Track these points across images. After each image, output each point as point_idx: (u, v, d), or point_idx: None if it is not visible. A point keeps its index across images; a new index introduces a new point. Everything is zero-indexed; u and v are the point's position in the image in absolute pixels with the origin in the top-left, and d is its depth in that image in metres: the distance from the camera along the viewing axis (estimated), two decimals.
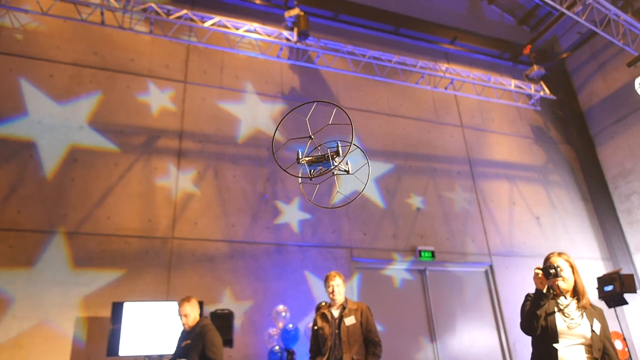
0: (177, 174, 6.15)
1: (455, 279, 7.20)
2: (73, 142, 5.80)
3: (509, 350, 6.84)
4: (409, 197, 7.35)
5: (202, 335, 3.83)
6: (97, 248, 5.43)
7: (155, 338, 4.81)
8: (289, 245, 6.33)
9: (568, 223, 8.30)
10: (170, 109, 6.47)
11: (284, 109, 7.15)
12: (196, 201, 6.10)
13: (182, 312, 3.99)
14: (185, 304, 4.02)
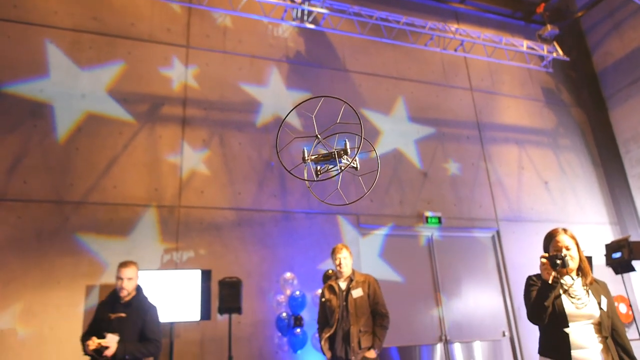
0: (182, 142, 6.08)
1: (461, 244, 7.21)
2: (77, 110, 5.72)
3: (513, 315, 6.93)
4: (416, 162, 7.27)
5: (143, 310, 3.28)
6: (104, 217, 5.44)
7: (165, 306, 4.88)
8: (296, 212, 6.33)
9: (577, 188, 8.22)
10: (173, 75, 6.34)
11: (289, 73, 6.98)
12: (202, 169, 6.06)
13: (127, 274, 3.33)
14: (132, 266, 3.41)
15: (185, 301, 4.96)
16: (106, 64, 6.05)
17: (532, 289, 2.51)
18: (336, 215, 6.52)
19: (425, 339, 6.48)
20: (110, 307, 3.28)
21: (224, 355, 5.17)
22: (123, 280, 3.33)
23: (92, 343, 3.04)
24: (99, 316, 3.30)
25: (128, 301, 3.32)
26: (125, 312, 3.22)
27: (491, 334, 6.80)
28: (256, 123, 6.55)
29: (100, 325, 3.19)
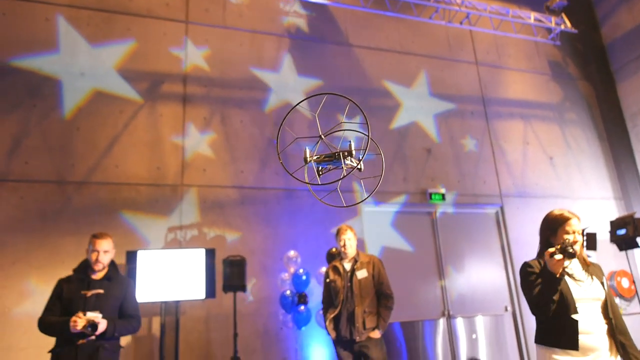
0: (183, 120, 6.02)
1: (465, 220, 7.20)
2: (81, 87, 5.64)
3: (516, 290, 6.97)
4: (420, 139, 7.20)
5: (123, 286, 2.99)
6: (107, 197, 5.43)
7: (170, 285, 4.92)
8: (299, 190, 6.30)
9: (582, 163, 8.15)
10: (173, 52, 6.22)
11: (290, 48, 6.85)
12: (204, 148, 6.01)
13: (102, 247, 2.98)
14: (107, 237, 3.02)
15: (190, 280, 4.99)
16: (106, 42, 5.94)
17: (532, 277, 2.29)
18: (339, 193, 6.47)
19: (428, 314, 6.54)
20: (82, 283, 2.86)
21: (229, 331, 5.23)
22: (98, 253, 2.96)
23: (80, 320, 2.65)
24: (65, 295, 2.83)
25: (105, 276, 2.96)
26: (103, 288, 2.88)
27: (494, 309, 6.86)
28: (257, 100, 6.46)
29: (71, 304, 2.78)
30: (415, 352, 6.32)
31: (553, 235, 2.30)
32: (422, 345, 6.40)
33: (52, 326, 2.79)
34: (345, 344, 3.23)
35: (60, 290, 2.91)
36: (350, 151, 0.89)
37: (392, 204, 6.74)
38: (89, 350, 2.69)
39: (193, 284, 5.00)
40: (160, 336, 5.01)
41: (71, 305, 2.80)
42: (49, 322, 2.81)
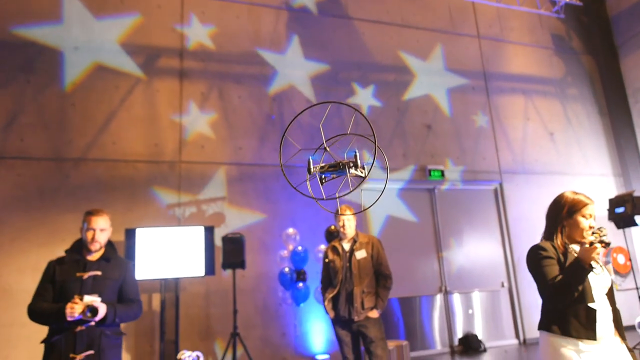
0: (181, 96, 5.93)
1: (464, 197, 7.21)
2: (76, 61, 5.53)
3: (513, 266, 7.04)
4: (420, 116, 7.13)
5: (122, 267, 2.67)
6: (104, 174, 5.40)
7: (169, 262, 4.94)
8: (298, 166, 6.26)
9: (582, 139, 8.10)
10: (169, 25, 6.08)
11: (288, 21, 6.69)
12: (201, 124, 5.95)
13: (99, 224, 2.62)
14: (103, 214, 2.66)
15: (189, 257, 5.01)
16: (108, 15, 5.79)
17: (547, 262, 2.10)
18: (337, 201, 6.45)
19: (426, 289, 6.62)
20: (77, 265, 2.53)
21: (229, 307, 5.30)
22: (94, 232, 2.60)
23: (78, 306, 2.35)
24: (58, 278, 2.51)
25: (102, 257, 2.63)
26: (100, 269, 2.55)
27: (490, 285, 6.95)
28: (255, 76, 6.36)
29: (66, 288, 2.47)
30: (412, 327, 6.43)
31: (568, 219, 2.12)
32: (419, 321, 6.50)
33: (45, 314, 2.45)
34: (344, 323, 3.27)
35: (52, 272, 2.56)
36: (356, 162, 0.86)
37: (391, 180, 6.73)
38: (88, 338, 2.40)
39: (192, 261, 5.02)
40: (160, 312, 5.07)
41: (65, 289, 2.47)
42: (40, 310, 2.47)
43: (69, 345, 2.37)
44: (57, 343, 2.40)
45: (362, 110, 6.79)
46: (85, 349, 2.39)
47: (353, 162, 0.86)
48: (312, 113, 6.50)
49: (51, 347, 2.43)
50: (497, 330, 6.81)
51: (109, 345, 2.47)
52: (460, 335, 6.59)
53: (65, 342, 2.38)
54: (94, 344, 2.41)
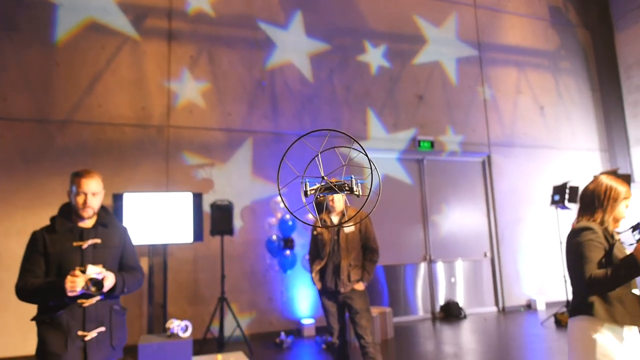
0: (169, 58, 5.78)
1: (452, 168, 7.26)
2: (68, 16, 5.33)
3: (496, 237, 7.19)
4: (412, 85, 7.06)
5: (120, 233, 2.36)
6: (91, 137, 5.31)
7: (157, 228, 4.95)
8: (287, 134, 6.23)
9: (572, 114, 8.13)
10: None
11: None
12: (190, 88, 5.83)
13: (90, 187, 2.25)
14: (95, 176, 2.31)
15: (177, 223, 5.02)
16: None
17: (595, 248, 1.97)
18: (329, 138, 6.42)
19: (411, 258, 6.76)
20: (71, 233, 2.20)
21: (216, 272, 5.37)
22: (86, 196, 2.22)
23: (79, 279, 2.03)
24: (52, 250, 2.16)
25: (98, 223, 2.30)
26: (99, 236, 2.24)
27: (473, 255, 7.11)
28: (246, 39, 6.20)
29: (63, 260, 2.14)
30: (396, 294, 6.59)
31: (612, 206, 2.04)
32: (402, 288, 6.67)
33: (40, 291, 2.07)
34: (330, 294, 3.34)
35: (41, 244, 2.16)
36: (352, 187, 0.85)
37: (380, 150, 6.73)
38: (97, 313, 2.11)
39: (181, 227, 5.03)
40: (148, 277, 5.11)
41: (64, 262, 2.12)
42: (33, 287, 2.07)
43: (75, 321, 2.04)
44: (60, 319, 2.04)
45: (371, 69, 6.69)
46: (96, 325, 2.09)
47: (349, 185, 0.86)
48: (303, 80, 6.41)
49: (51, 324, 2.05)
50: (477, 298, 7.02)
51: (119, 322, 2.20)
52: (442, 302, 6.79)
53: (70, 318, 2.04)
54: (104, 320, 2.12)
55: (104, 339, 2.10)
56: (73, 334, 2.03)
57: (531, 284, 7.22)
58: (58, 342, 2.01)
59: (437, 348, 5.00)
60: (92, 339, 2.05)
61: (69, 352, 2.00)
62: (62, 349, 2.00)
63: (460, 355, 4.57)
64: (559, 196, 5.95)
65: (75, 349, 2.02)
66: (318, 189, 0.88)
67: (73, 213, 2.27)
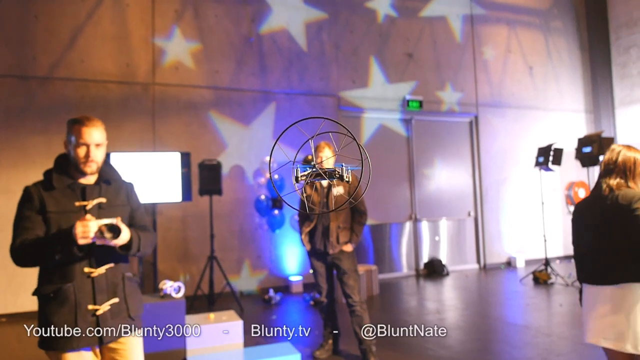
0: (153, 12, 5.57)
1: (439, 129, 7.29)
2: None
3: (480, 197, 7.33)
4: (402, 43, 6.95)
5: (126, 191, 2.03)
6: (74, 95, 5.18)
7: (146, 188, 4.93)
8: (276, 92, 6.15)
9: (560, 74, 8.14)
10: None
11: None
12: (176, 44, 5.67)
13: (94, 138, 1.88)
14: (98, 125, 1.93)
15: (165, 183, 5.00)
16: None
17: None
18: (316, 97, 6.37)
19: (396, 217, 6.88)
20: (72, 191, 1.86)
21: (205, 231, 5.42)
22: (89, 148, 1.86)
23: (92, 223, 1.70)
24: (52, 208, 1.82)
25: (101, 179, 1.95)
26: (103, 195, 1.92)
27: (457, 214, 7.27)
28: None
29: (65, 221, 1.79)
30: (381, 253, 6.76)
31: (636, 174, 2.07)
32: (388, 246, 6.83)
33: (42, 246, 1.72)
34: (319, 255, 3.41)
35: (37, 201, 1.82)
36: (342, 176, 0.87)
37: (368, 109, 6.70)
38: (109, 283, 1.81)
39: (169, 187, 5.02)
40: None
41: (65, 224, 1.79)
42: (35, 243, 1.74)
43: (84, 294, 1.74)
44: (66, 292, 1.72)
45: (360, 26, 6.56)
46: (107, 297, 1.79)
47: (339, 173, 0.87)
48: (291, 38, 6.26)
49: (56, 299, 1.73)
50: (460, 256, 7.24)
51: (133, 290, 1.91)
52: (425, 260, 6.99)
53: (78, 289, 1.73)
54: (117, 289, 1.82)
55: (119, 311, 1.81)
56: (82, 308, 1.73)
57: (512, 242, 7.45)
58: (66, 320, 1.70)
59: (420, 304, 5.20)
60: (105, 312, 1.76)
61: (79, 331, 1.71)
62: (71, 326, 1.70)
63: (442, 311, 4.77)
64: (543, 158, 6.05)
65: (86, 326, 1.72)
66: (309, 174, 0.89)
67: (72, 167, 1.90)
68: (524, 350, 3.49)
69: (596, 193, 2.09)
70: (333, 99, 6.48)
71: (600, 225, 2.04)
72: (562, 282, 5.81)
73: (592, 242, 2.07)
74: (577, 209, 2.19)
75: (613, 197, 2.01)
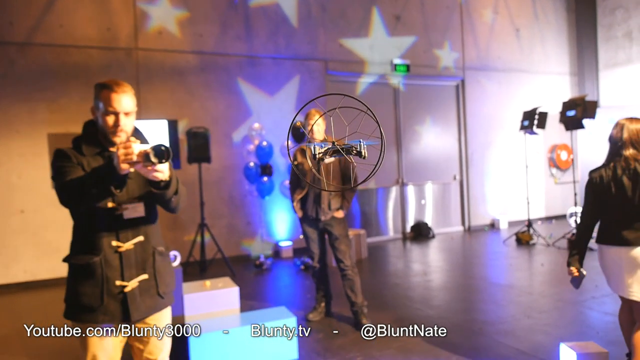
0: None
1: (426, 92, 7.29)
2: None
3: (466, 159, 7.44)
4: (390, 5, 6.84)
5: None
6: (55, 61, 5.03)
7: None
8: (262, 57, 6.05)
9: (546, 36, 8.13)
10: None
11: None
12: (157, 7, 5.49)
13: (124, 106, 1.66)
14: (128, 90, 1.69)
15: None
16: None
17: None
18: (304, 61, 6.29)
19: (383, 182, 6.97)
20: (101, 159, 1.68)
21: (195, 199, 5.43)
22: (118, 116, 1.65)
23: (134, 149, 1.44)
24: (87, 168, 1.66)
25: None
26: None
27: (443, 178, 7.38)
28: None
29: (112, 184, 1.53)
30: (369, 217, 6.88)
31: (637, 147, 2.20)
32: (375, 211, 6.95)
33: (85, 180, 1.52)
34: (311, 222, 3.47)
35: (75, 159, 1.66)
36: (360, 152, 0.89)
37: (356, 73, 6.66)
38: (138, 258, 1.70)
39: None
40: None
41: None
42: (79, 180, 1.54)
43: (112, 270, 1.64)
44: (93, 266, 1.63)
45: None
46: (136, 273, 1.69)
47: (357, 150, 0.89)
48: (276, 1, 6.11)
49: (83, 273, 1.64)
50: (445, 219, 7.41)
51: (165, 265, 1.79)
52: (412, 223, 7.14)
53: (106, 264, 1.64)
54: (147, 265, 1.72)
55: (148, 288, 1.71)
56: (110, 284, 1.64)
57: (496, 205, 7.63)
58: (92, 294, 1.63)
59: (407, 266, 5.36)
60: (133, 289, 1.66)
61: (105, 306, 1.63)
62: (97, 301, 1.63)
63: (429, 273, 4.92)
64: (528, 122, 6.13)
65: (113, 302, 1.64)
66: (326, 151, 0.91)
67: (100, 135, 1.72)
68: (507, 308, 3.65)
69: (613, 164, 2.25)
70: (321, 63, 6.41)
71: (622, 194, 2.20)
72: (544, 243, 6.02)
73: (616, 209, 2.23)
74: (593, 180, 2.32)
75: (630, 168, 2.19)
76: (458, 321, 3.39)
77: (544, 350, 2.79)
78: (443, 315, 3.54)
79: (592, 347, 2.43)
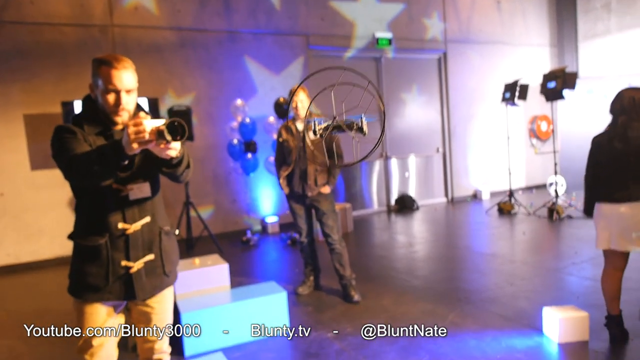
0: None
1: (408, 66, 7.27)
2: None
3: (449, 132, 7.50)
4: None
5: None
6: (28, 39, 4.87)
7: None
8: (242, 33, 5.94)
9: (527, 8, 8.13)
10: None
11: None
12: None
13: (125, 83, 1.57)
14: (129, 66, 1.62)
15: None
16: None
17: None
18: (285, 37, 6.20)
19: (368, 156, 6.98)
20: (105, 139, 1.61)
21: None
22: (119, 94, 1.56)
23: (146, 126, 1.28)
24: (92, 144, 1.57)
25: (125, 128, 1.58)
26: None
27: (426, 150, 7.44)
28: None
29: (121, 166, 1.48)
30: (353, 191, 6.93)
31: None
32: (359, 184, 6.99)
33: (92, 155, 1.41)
34: (298, 198, 3.49)
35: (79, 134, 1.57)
36: (361, 128, 0.89)
37: (338, 48, 6.59)
38: (144, 238, 1.65)
39: None
40: None
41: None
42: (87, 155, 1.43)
43: (117, 251, 1.60)
44: (99, 247, 1.59)
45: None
46: (142, 254, 1.66)
47: (358, 126, 0.90)
48: None
49: (88, 252, 1.60)
50: (428, 191, 7.51)
51: (170, 245, 1.76)
52: (396, 196, 7.22)
53: (112, 246, 1.60)
54: (153, 245, 1.68)
55: (154, 268, 1.68)
56: (116, 264, 1.61)
57: (478, 176, 7.75)
58: (97, 274, 1.60)
59: (392, 238, 5.44)
60: (139, 270, 1.64)
61: (110, 286, 1.60)
62: (102, 281, 1.60)
63: (413, 244, 5.01)
64: (510, 94, 6.18)
65: (118, 282, 1.62)
66: (327, 127, 0.92)
67: (101, 113, 1.62)
68: (491, 277, 3.76)
69: (616, 129, 2.41)
70: (302, 38, 6.32)
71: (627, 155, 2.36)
72: (525, 212, 6.16)
73: (620, 169, 2.38)
74: (597, 143, 2.48)
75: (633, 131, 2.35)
76: (443, 290, 3.48)
77: (527, 315, 2.89)
78: (429, 285, 3.63)
79: (572, 310, 2.53)
